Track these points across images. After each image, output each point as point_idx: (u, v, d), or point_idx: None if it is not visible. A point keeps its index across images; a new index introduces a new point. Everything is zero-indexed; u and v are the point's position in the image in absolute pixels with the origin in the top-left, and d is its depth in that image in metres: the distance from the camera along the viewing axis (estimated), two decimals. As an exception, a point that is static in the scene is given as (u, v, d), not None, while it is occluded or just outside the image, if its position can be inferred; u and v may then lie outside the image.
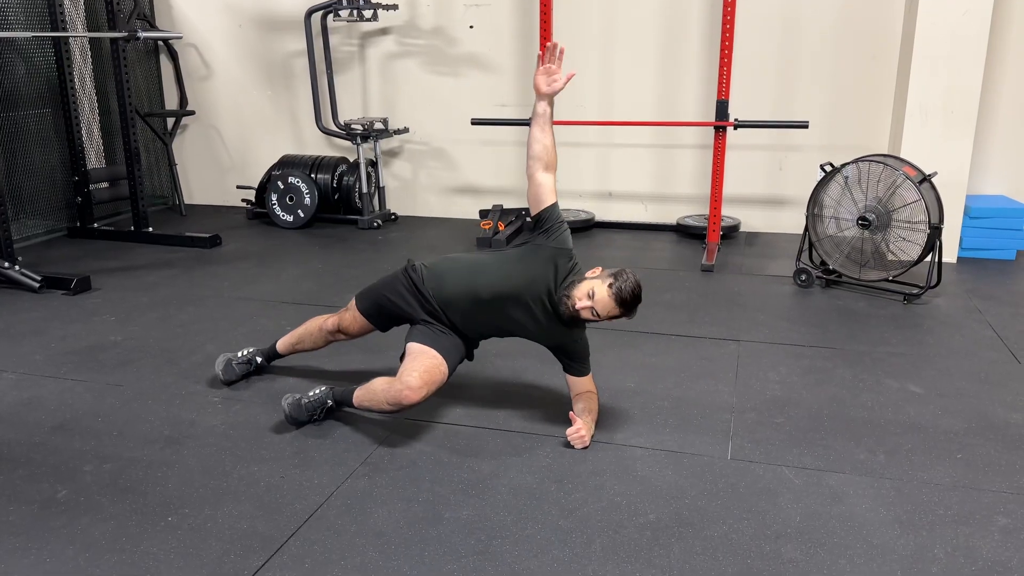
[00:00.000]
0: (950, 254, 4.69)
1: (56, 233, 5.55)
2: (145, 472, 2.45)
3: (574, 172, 5.76)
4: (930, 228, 3.93)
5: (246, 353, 3.10)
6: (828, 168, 4.17)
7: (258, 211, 6.02)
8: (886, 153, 4.63)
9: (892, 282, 4.14)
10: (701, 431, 2.69)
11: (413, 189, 6.20)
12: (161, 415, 2.83)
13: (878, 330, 3.65)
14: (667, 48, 5.38)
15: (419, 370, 2.51)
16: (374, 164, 5.93)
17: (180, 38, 6.06)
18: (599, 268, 2.58)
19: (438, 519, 2.20)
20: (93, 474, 2.44)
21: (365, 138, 5.68)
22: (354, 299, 2.87)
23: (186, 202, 6.48)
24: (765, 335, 3.58)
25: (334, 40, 5.93)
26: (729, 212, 5.45)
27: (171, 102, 6.47)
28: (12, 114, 5.18)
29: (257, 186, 6.05)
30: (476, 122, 5.19)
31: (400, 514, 2.22)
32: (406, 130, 5.97)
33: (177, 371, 3.21)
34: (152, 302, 4.09)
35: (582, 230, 5.57)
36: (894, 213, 4.03)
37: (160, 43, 6.30)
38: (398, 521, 2.19)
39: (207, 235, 5.24)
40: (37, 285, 4.23)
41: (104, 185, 5.72)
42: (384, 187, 6.06)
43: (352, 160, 5.89)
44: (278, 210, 5.81)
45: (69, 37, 5.29)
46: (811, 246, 4.34)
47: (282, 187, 5.76)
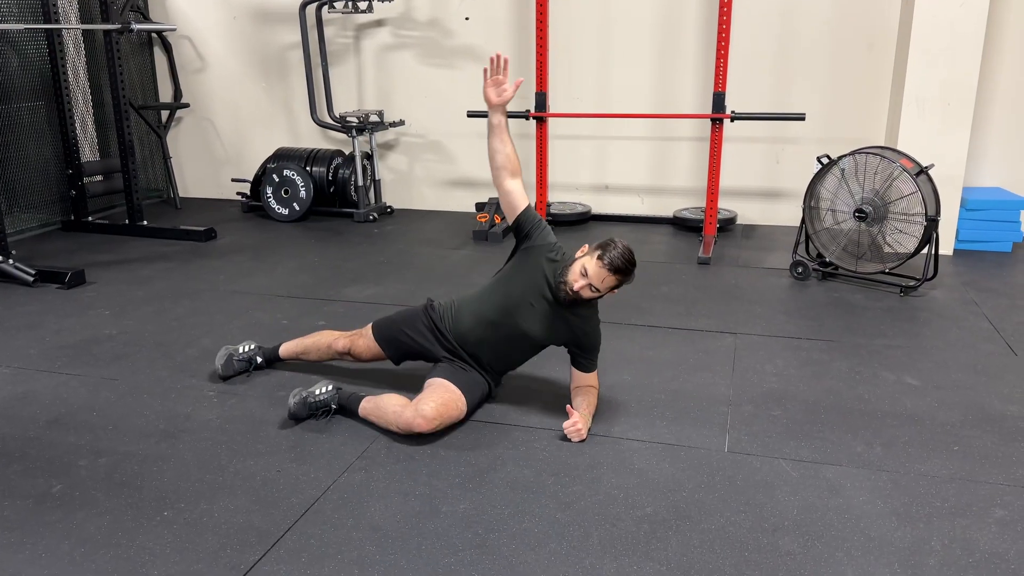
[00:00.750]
0: (946, 246, 4.69)
1: (50, 227, 5.52)
2: (141, 466, 2.44)
3: (571, 165, 5.75)
4: (927, 220, 3.93)
5: (248, 350, 3.08)
6: (825, 160, 4.17)
7: (253, 204, 6.00)
8: (883, 145, 4.62)
9: (889, 274, 4.14)
10: (698, 424, 2.69)
11: (409, 182, 6.19)
12: (156, 409, 2.82)
13: (875, 322, 3.65)
14: (664, 40, 5.36)
15: (436, 402, 2.54)
16: (370, 157, 5.91)
17: (174, 30, 6.02)
18: (586, 246, 2.61)
19: (435, 513, 2.19)
20: (88, 469, 2.43)
21: (361, 131, 5.66)
22: (371, 327, 2.87)
23: (181, 195, 6.46)
24: (762, 328, 3.58)
25: (329, 32, 5.90)
26: (726, 205, 5.44)
27: (165, 95, 6.44)
28: (5, 107, 5.15)
29: (252, 179, 6.03)
30: (472, 114, 5.17)
31: (397, 508, 2.21)
32: (402, 122, 5.95)
33: (172, 365, 3.20)
34: (147, 296, 4.08)
35: (578, 223, 5.55)
36: (891, 205, 4.02)
37: (154, 35, 6.27)
38: (395, 515, 2.18)
39: (202, 228, 5.22)
40: (31, 279, 4.21)
41: (98, 178, 5.70)
42: (380, 180, 6.04)
43: (348, 153, 5.87)
44: (273, 203, 5.79)
45: (62, 29, 5.26)
46: (808, 238, 4.34)
47: (277, 180, 5.74)
